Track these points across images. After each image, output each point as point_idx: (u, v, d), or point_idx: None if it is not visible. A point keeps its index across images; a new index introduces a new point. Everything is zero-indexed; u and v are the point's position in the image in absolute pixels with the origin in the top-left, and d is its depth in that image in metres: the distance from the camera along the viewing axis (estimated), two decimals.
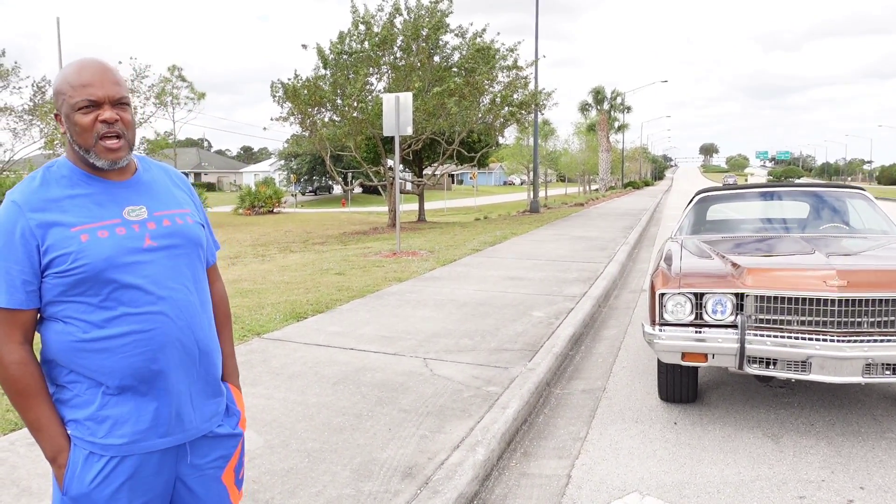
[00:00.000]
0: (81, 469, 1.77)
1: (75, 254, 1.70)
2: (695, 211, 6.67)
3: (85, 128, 1.74)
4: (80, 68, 1.77)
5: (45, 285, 1.73)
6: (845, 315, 3.98)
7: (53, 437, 1.77)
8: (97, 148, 1.76)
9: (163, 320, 1.78)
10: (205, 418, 1.92)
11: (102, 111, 1.75)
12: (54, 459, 1.78)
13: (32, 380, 1.74)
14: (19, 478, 3.48)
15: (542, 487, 3.67)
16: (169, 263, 1.83)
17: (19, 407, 1.76)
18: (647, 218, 23.72)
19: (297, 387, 4.89)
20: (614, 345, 6.59)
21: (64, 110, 1.77)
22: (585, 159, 56.26)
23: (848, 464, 3.86)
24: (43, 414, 1.76)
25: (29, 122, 28.27)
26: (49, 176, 1.80)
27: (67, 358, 1.76)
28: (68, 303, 1.74)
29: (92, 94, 1.74)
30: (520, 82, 21.61)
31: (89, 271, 1.70)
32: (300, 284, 9.39)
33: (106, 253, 1.72)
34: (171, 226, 1.87)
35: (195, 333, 1.87)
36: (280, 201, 41.30)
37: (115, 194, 1.82)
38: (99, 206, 1.78)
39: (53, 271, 1.71)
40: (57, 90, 1.78)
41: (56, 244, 1.70)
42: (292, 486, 3.39)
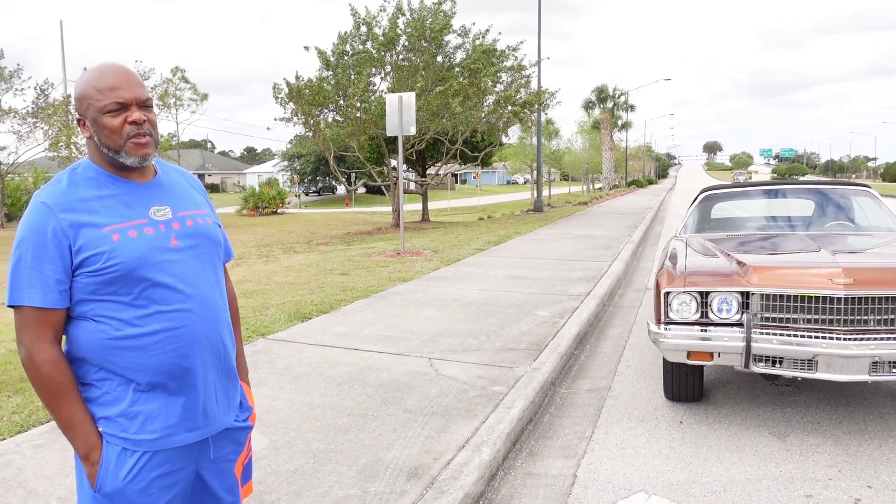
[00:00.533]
0: (115, 465, 1.80)
1: (108, 253, 1.74)
2: (699, 209, 6.65)
3: (114, 129, 1.79)
4: (103, 72, 1.82)
5: (76, 284, 1.77)
6: (852, 313, 3.96)
7: (86, 435, 1.79)
8: (127, 147, 1.81)
9: (192, 318, 1.84)
10: (226, 412, 1.99)
11: (130, 113, 1.80)
12: (87, 457, 1.80)
13: (65, 378, 1.77)
14: (26, 479, 3.48)
15: (548, 487, 3.66)
16: (194, 262, 1.89)
17: (51, 406, 1.77)
18: (650, 216, 23.68)
19: (303, 387, 4.89)
20: (619, 344, 6.58)
21: (90, 114, 1.80)
22: (589, 158, 56.16)
23: (855, 462, 3.84)
24: (75, 412, 1.78)
25: (32, 125, 28.34)
26: (75, 177, 1.84)
27: (99, 356, 1.79)
28: (100, 301, 1.77)
29: (120, 97, 1.79)
30: (523, 81, 21.58)
31: (122, 270, 1.75)
32: (304, 285, 9.39)
33: (138, 252, 1.77)
34: (194, 226, 1.93)
35: (219, 330, 1.93)
36: (284, 202, 41.34)
37: (140, 195, 1.87)
38: (126, 206, 1.82)
39: (86, 270, 1.74)
40: (81, 95, 1.82)
41: (88, 244, 1.74)
42: (298, 486, 3.39)
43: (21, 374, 5.33)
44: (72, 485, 3.41)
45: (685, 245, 5.44)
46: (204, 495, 2.01)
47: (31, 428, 4.18)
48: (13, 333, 6.17)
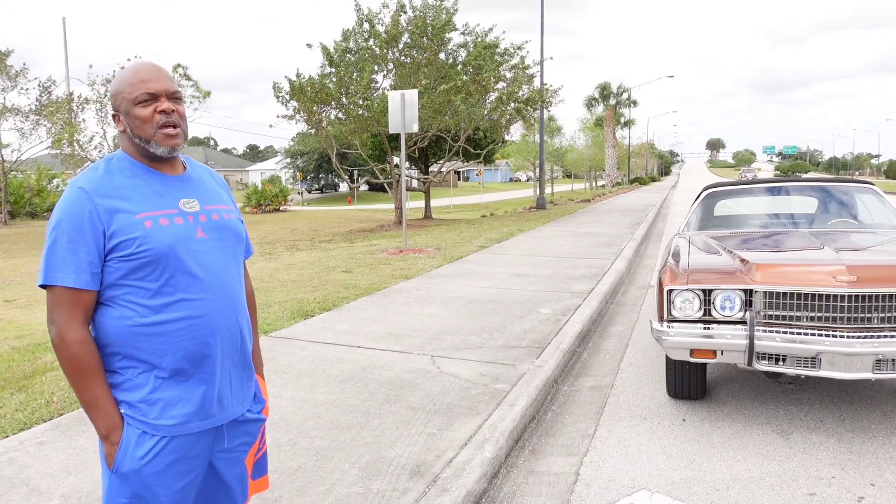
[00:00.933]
0: (134, 447, 1.86)
1: (140, 239, 1.82)
2: (702, 206, 6.64)
3: (145, 119, 1.88)
4: (136, 69, 1.93)
5: (106, 268, 1.84)
6: (855, 311, 3.95)
7: (109, 415, 1.86)
8: (157, 136, 1.90)
9: (214, 307, 1.92)
10: (240, 401, 2.06)
11: (160, 103, 1.90)
12: (108, 436, 1.86)
13: (92, 359, 1.84)
14: (28, 477, 3.49)
15: (551, 485, 3.66)
16: (219, 254, 1.97)
17: (78, 385, 1.84)
18: (653, 214, 23.65)
19: (305, 385, 4.89)
20: (622, 341, 6.57)
21: (123, 107, 1.91)
22: (591, 155, 56.12)
23: (858, 460, 3.83)
24: (100, 392, 1.85)
25: (35, 122, 28.35)
26: (111, 167, 1.93)
27: (123, 342, 1.86)
28: (128, 287, 1.85)
29: (150, 88, 1.89)
30: (525, 78, 21.55)
31: (153, 256, 1.83)
32: (307, 282, 9.40)
33: (168, 240, 1.85)
34: (220, 220, 2.02)
35: (239, 321, 2.01)
36: (286, 199, 41.34)
37: (171, 186, 1.96)
38: (158, 196, 1.91)
39: (118, 255, 1.82)
40: (115, 92, 1.93)
41: (122, 229, 1.82)
42: (301, 484, 3.39)
43: (24, 371, 5.34)
44: (75, 482, 3.42)
45: (688, 242, 5.43)
46: (214, 483, 2.07)
47: (34, 425, 4.19)
48: (15, 331, 6.15)
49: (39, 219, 31.88)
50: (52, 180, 36.68)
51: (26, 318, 8.07)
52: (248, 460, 2.16)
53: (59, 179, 37.45)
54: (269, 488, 2.39)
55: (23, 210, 32.14)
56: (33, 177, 34.56)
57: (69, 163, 28.77)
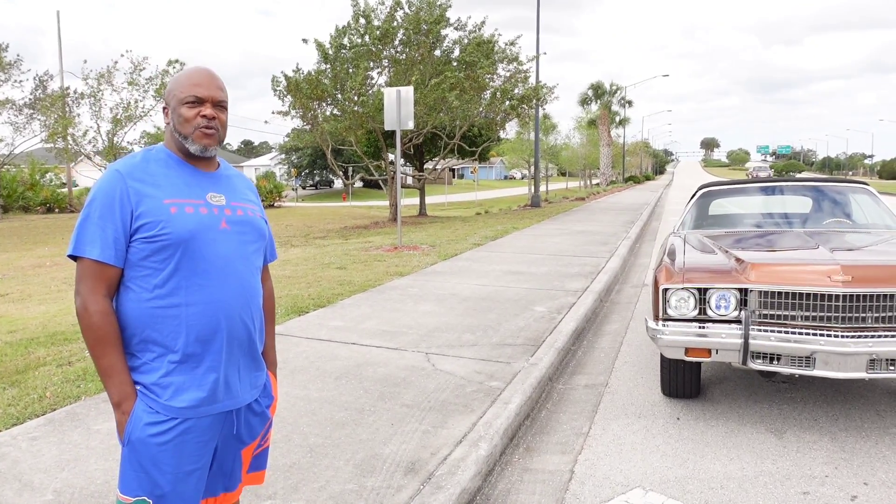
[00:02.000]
0: (144, 418, 1.94)
1: (164, 222, 1.93)
2: (697, 205, 6.64)
3: (187, 118, 2.03)
4: (193, 72, 2.08)
5: (131, 249, 1.95)
6: (850, 310, 3.96)
7: (122, 384, 1.94)
8: (195, 135, 2.03)
9: (227, 294, 2.01)
10: (247, 389, 2.12)
11: (204, 108, 2.04)
12: (119, 405, 1.95)
13: (111, 329, 1.94)
14: (21, 472, 3.47)
15: (545, 483, 3.66)
16: (238, 247, 2.07)
17: (96, 353, 1.93)
18: (648, 212, 23.68)
19: (300, 381, 4.88)
20: (616, 339, 6.58)
21: (172, 103, 2.05)
22: (586, 154, 56.16)
23: (851, 459, 3.85)
24: (116, 361, 1.94)
25: (29, 116, 28.18)
26: (149, 156, 2.06)
27: (140, 322, 1.95)
28: (148, 268, 1.94)
29: (198, 92, 2.03)
30: (520, 76, 21.54)
31: (174, 239, 1.93)
32: (301, 279, 9.38)
33: (190, 226, 1.95)
34: (244, 216, 2.13)
35: (251, 311, 2.10)
36: (281, 195, 41.24)
37: (201, 180, 2.08)
38: (188, 186, 2.03)
39: (142, 236, 1.93)
40: (169, 89, 2.08)
41: (148, 211, 1.93)
42: (295, 481, 3.38)
43: (17, 365, 5.32)
44: (67, 478, 3.40)
45: (683, 241, 5.43)
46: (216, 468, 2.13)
47: (26, 420, 4.17)
48: (8, 326, 6.12)
49: (32, 213, 31.73)
50: (46, 174, 36.51)
51: (19, 313, 8.03)
52: (246, 452, 2.19)
53: (53, 173, 37.28)
54: (262, 483, 2.39)
55: (16, 204, 31.94)
56: (26, 171, 34.38)
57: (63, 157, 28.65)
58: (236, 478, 2.19)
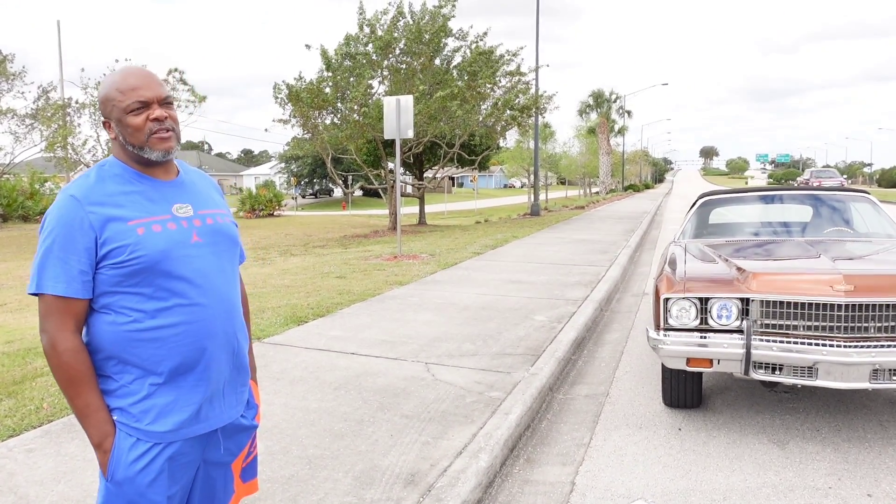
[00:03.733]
0: (127, 454, 1.86)
1: (132, 245, 1.81)
2: (698, 214, 6.63)
3: (137, 127, 1.88)
4: (125, 75, 1.92)
5: (99, 276, 1.83)
6: (852, 320, 3.93)
7: (101, 423, 1.85)
8: (150, 142, 1.89)
9: (209, 312, 1.92)
10: (233, 406, 2.06)
11: (152, 111, 1.89)
12: (100, 445, 1.86)
13: (84, 367, 1.84)
14: (17, 485, 3.44)
15: (546, 495, 3.62)
16: (213, 259, 1.96)
17: (70, 393, 1.84)
18: (647, 221, 23.67)
19: (298, 392, 4.85)
20: (617, 349, 6.55)
21: (115, 115, 1.90)
22: (586, 162, 56.22)
23: (855, 471, 3.81)
24: (92, 400, 1.84)
25: (30, 126, 28.22)
26: (103, 174, 1.92)
27: (119, 348, 1.86)
28: (122, 293, 1.84)
29: (141, 96, 1.88)
30: (522, 87, 21.58)
31: (145, 262, 1.82)
32: (301, 288, 9.35)
33: (161, 246, 1.85)
34: (214, 224, 2.01)
35: (233, 325, 2.01)
36: (280, 204, 41.22)
37: (163, 192, 1.95)
38: (151, 202, 1.90)
39: (111, 262, 1.81)
40: (105, 98, 1.92)
41: (114, 236, 1.81)
42: (294, 493, 3.35)
43: (14, 376, 5.28)
44: (64, 491, 3.37)
45: (684, 251, 5.41)
46: (203, 486, 2.07)
47: (23, 432, 4.13)
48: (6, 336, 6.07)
49: (32, 222, 31.68)
50: (45, 183, 36.50)
51: (17, 323, 8.00)
52: (236, 465, 2.15)
53: (52, 183, 37.27)
54: (258, 490, 2.36)
55: (15, 213, 31.92)
56: (26, 180, 34.37)
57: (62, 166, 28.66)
58: (230, 491, 2.15)
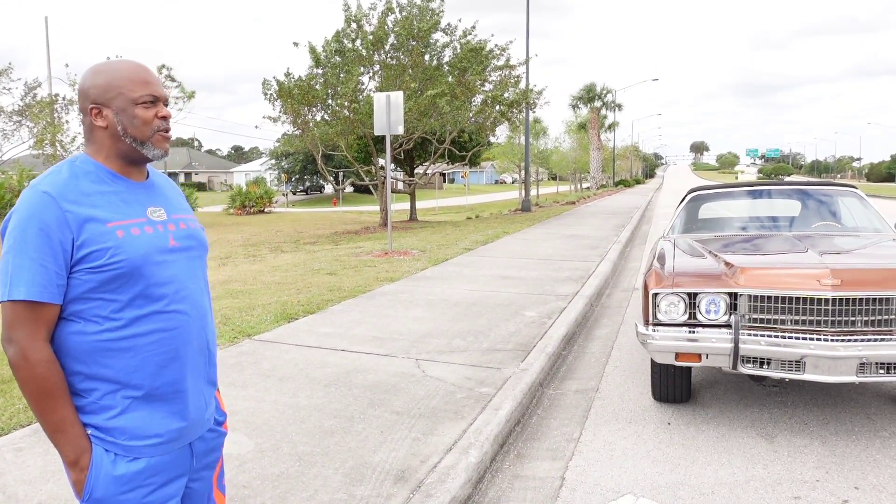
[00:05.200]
0: (106, 470, 1.74)
1: (113, 249, 1.70)
2: (687, 210, 6.65)
3: (146, 121, 1.80)
4: (135, 68, 1.84)
5: (72, 281, 1.70)
6: (839, 314, 3.96)
7: (76, 439, 1.72)
8: (154, 139, 1.83)
9: (185, 319, 1.83)
10: (209, 415, 1.97)
11: (160, 109, 1.84)
12: (76, 462, 1.73)
13: (59, 378, 1.70)
14: (5, 484, 3.42)
15: (536, 490, 3.64)
16: (188, 265, 1.88)
17: (42, 408, 1.69)
18: (638, 216, 23.74)
19: (288, 389, 4.85)
20: (607, 344, 6.57)
21: (119, 104, 1.79)
22: (576, 158, 56.27)
23: (842, 463, 3.84)
24: (66, 415, 1.71)
25: (18, 123, 28.04)
26: (76, 170, 1.78)
27: (89, 359, 1.72)
28: (95, 300, 1.71)
29: (155, 91, 1.83)
30: (511, 80, 21.57)
31: (127, 267, 1.71)
32: (291, 285, 9.34)
33: (142, 250, 1.74)
34: (187, 229, 1.92)
35: (207, 333, 1.93)
36: (271, 201, 41.13)
37: (138, 194, 1.85)
38: (126, 203, 1.80)
39: (87, 266, 1.68)
40: (109, 85, 1.80)
41: (92, 239, 1.68)
42: (283, 490, 3.35)
43: (2, 375, 5.25)
44: (53, 490, 3.35)
45: (673, 246, 5.43)
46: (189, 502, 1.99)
47: (11, 431, 4.12)
48: None
49: None
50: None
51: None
52: (215, 476, 2.07)
53: None
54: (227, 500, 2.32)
55: (4, 211, 31.74)
56: (15, 177, 34.16)
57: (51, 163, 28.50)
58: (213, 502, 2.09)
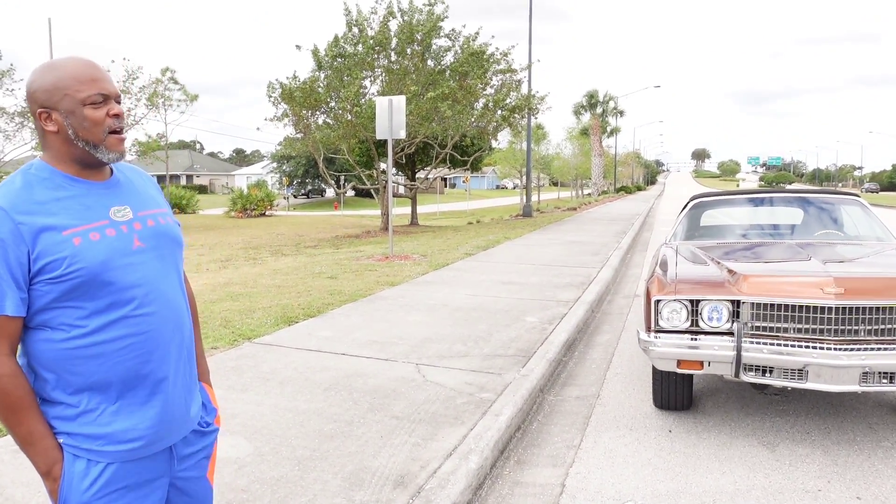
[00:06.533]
0: (79, 478, 1.71)
1: (69, 258, 1.64)
2: (689, 216, 6.63)
3: (97, 122, 1.71)
4: (82, 65, 1.73)
5: (34, 293, 1.65)
6: (842, 323, 3.94)
7: (47, 450, 1.69)
8: (108, 142, 1.74)
9: (157, 322, 1.77)
10: (192, 415, 1.93)
11: (111, 107, 1.73)
12: (48, 473, 1.70)
13: (24, 392, 1.67)
14: (3, 486, 3.41)
15: (536, 497, 3.61)
16: (158, 264, 1.81)
17: (10, 422, 1.67)
18: (639, 223, 23.73)
19: (288, 393, 4.83)
20: (608, 350, 6.55)
21: (66, 106, 1.69)
22: (578, 164, 56.30)
23: (844, 473, 3.82)
24: (35, 427, 1.68)
25: (20, 125, 28.06)
26: (30, 178, 1.71)
27: (58, 366, 1.69)
28: (61, 309, 1.67)
29: (104, 89, 1.72)
30: (513, 85, 21.60)
31: (85, 275, 1.65)
32: (292, 288, 9.32)
33: (101, 256, 1.67)
34: (156, 226, 1.84)
35: (184, 333, 1.87)
36: (272, 204, 41.14)
37: (99, 195, 1.77)
38: (86, 208, 1.72)
39: (46, 277, 1.64)
40: (54, 86, 1.70)
41: (48, 249, 1.63)
42: (283, 494, 3.33)
43: None
44: None
45: (675, 252, 5.42)
46: None
47: (7, 435, 4.09)
48: None
49: None
50: None
51: None
52: (210, 474, 2.03)
53: None
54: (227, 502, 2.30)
55: None
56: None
57: None
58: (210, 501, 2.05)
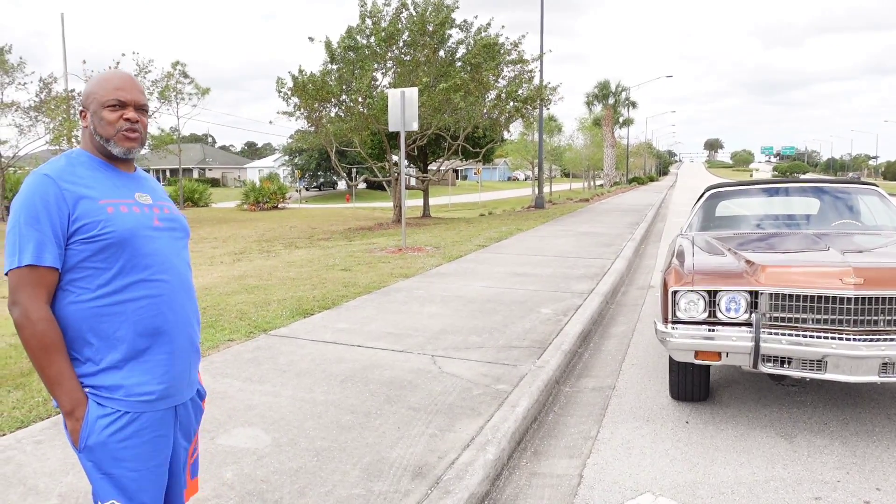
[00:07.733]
0: (98, 420, 1.93)
1: (104, 222, 1.94)
2: (705, 207, 6.60)
3: (109, 121, 2.04)
4: (112, 76, 2.10)
5: (69, 251, 1.93)
6: (862, 313, 3.91)
7: (72, 391, 1.93)
8: (117, 137, 2.05)
9: (170, 288, 2.05)
10: (192, 384, 2.18)
11: (127, 111, 2.06)
12: (72, 412, 1.93)
13: (57, 335, 1.92)
14: (25, 476, 3.44)
15: (554, 487, 3.62)
16: (172, 243, 2.12)
17: (42, 362, 1.91)
18: (652, 214, 23.62)
19: (305, 384, 4.85)
20: (623, 342, 6.53)
21: (93, 107, 2.06)
22: (590, 155, 56.08)
23: (863, 464, 3.80)
24: (64, 368, 1.92)
25: (34, 119, 28.25)
26: (72, 160, 2.06)
27: (83, 324, 1.94)
28: (88, 269, 1.94)
29: (121, 96, 2.05)
30: (525, 76, 21.51)
31: (115, 238, 1.94)
32: (306, 280, 9.35)
33: (129, 224, 1.98)
34: (171, 213, 2.18)
35: (192, 305, 2.16)
36: (284, 197, 41.26)
37: (126, 181, 2.11)
38: (116, 187, 2.05)
39: (82, 237, 1.92)
40: (89, 91, 2.08)
41: (86, 213, 1.93)
42: (301, 485, 3.35)
43: (21, 368, 5.29)
44: (73, 482, 3.37)
45: (692, 243, 5.39)
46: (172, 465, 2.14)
47: (31, 423, 4.14)
48: (12, 328, 6.06)
49: None
50: None
51: None
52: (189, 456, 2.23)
53: None
54: (198, 491, 2.37)
55: None
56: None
57: None
58: (182, 483, 2.21)
